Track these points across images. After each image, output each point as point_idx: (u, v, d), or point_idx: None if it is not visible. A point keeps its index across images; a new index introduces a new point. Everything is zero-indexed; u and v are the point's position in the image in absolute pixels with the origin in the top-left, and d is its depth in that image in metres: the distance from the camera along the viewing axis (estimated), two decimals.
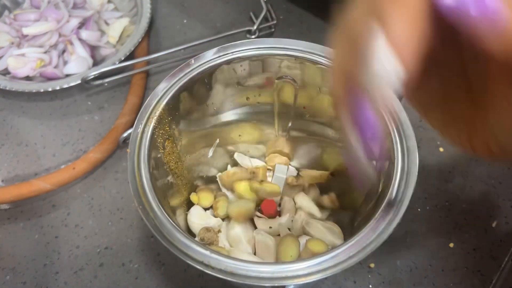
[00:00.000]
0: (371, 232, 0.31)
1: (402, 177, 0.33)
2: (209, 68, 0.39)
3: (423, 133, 0.58)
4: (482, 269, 0.48)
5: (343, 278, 0.48)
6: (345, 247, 0.30)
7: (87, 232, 0.52)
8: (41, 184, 0.52)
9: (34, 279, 0.49)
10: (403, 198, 0.32)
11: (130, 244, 0.51)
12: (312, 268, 0.30)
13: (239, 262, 0.30)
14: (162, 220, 0.32)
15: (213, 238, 0.42)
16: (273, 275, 0.29)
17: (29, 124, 0.61)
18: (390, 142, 0.35)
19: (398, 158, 0.34)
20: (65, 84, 0.59)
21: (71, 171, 0.53)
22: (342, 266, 0.30)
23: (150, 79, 0.64)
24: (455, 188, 0.53)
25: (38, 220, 0.53)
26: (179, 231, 0.31)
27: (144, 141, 0.35)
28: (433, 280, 0.47)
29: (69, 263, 0.50)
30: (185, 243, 0.30)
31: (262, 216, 0.45)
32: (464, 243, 0.50)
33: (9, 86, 0.59)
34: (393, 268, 0.48)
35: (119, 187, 0.55)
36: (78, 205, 0.54)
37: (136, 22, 0.66)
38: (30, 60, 0.62)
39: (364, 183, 0.23)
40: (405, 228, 0.50)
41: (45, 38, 0.63)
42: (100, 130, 0.60)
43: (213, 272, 0.29)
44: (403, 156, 0.34)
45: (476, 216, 0.51)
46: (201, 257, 0.30)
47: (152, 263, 0.49)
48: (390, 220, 0.31)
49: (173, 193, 0.42)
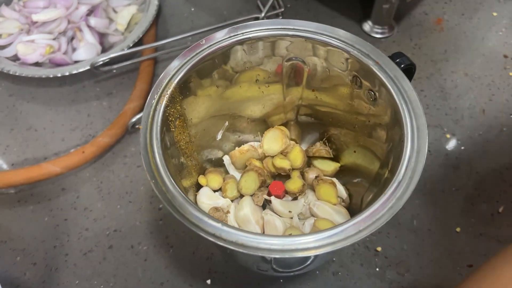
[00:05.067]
0: (381, 207, 0.31)
1: (412, 154, 0.33)
2: (220, 48, 0.40)
3: (429, 119, 0.58)
4: (488, 254, 0.48)
5: (350, 261, 0.48)
6: (355, 221, 0.30)
7: (96, 215, 0.52)
8: (51, 167, 0.53)
9: (44, 260, 0.49)
10: (413, 174, 0.32)
11: (139, 227, 0.51)
12: (322, 242, 0.30)
13: (250, 235, 0.30)
14: (175, 194, 0.32)
15: (222, 218, 0.42)
16: (283, 247, 0.29)
17: (38, 109, 0.61)
18: (400, 120, 0.35)
19: (408, 136, 0.34)
20: (74, 70, 0.59)
21: (80, 154, 0.54)
22: (351, 239, 0.30)
23: (158, 66, 0.65)
24: (462, 174, 0.53)
25: (47, 203, 0.53)
26: (191, 204, 0.31)
27: (156, 118, 0.36)
28: (440, 263, 0.48)
29: (78, 245, 0.50)
30: (197, 216, 0.31)
31: (269, 198, 0.45)
32: (470, 228, 0.50)
33: (18, 71, 0.60)
34: (399, 251, 0.49)
35: (128, 171, 0.55)
36: (87, 189, 0.54)
37: (144, 10, 0.67)
38: (39, 47, 0.62)
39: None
40: (411, 212, 0.51)
41: (54, 25, 0.64)
42: (108, 116, 0.60)
43: (225, 244, 0.30)
44: (412, 134, 0.34)
45: (483, 201, 0.51)
46: (213, 230, 0.30)
47: (161, 246, 0.50)
48: (400, 195, 0.31)
49: (184, 174, 0.42)
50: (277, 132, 0.47)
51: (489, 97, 0.60)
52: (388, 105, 0.37)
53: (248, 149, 0.47)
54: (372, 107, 0.40)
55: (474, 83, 0.61)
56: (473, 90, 0.61)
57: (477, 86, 0.61)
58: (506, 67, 0.63)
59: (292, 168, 0.47)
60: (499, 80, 0.62)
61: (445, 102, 0.60)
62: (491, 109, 0.59)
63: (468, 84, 0.61)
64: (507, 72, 0.62)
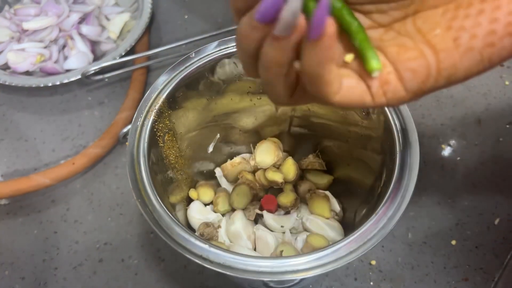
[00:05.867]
0: (372, 226, 0.30)
1: (403, 172, 0.33)
2: (210, 61, 0.39)
3: (425, 129, 0.57)
4: (485, 267, 0.47)
5: (344, 275, 0.47)
6: (346, 242, 0.30)
7: (87, 227, 0.51)
8: (41, 179, 0.52)
9: (33, 274, 0.49)
10: (405, 193, 0.32)
11: (130, 240, 0.50)
12: (312, 263, 0.29)
13: (238, 256, 0.29)
14: (161, 213, 0.31)
15: (212, 233, 0.42)
16: (272, 270, 0.29)
17: (29, 119, 0.61)
18: (392, 137, 0.34)
19: (400, 153, 0.33)
20: (65, 79, 0.58)
21: (70, 166, 0.53)
22: (342, 261, 0.29)
23: (151, 74, 0.64)
24: (458, 185, 0.53)
25: (37, 215, 0.53)
26: (178, 224, 0.31)
27: (143, 134, 0.35)
28: (435, 277, 0.47)
29: (68, 259, 0.49)
30: (183, 236, 0.30)
31: (261, 212, 0.44)
32: (466, 240, 0.49)
33: (9, 80, 0.59)
34: (394, 265, 0.48)
35: (119, 183, 0.55)
36: (78, 201, 0.53)
37: (137, 17, 0.66)
38: (30, 55, 0.61)
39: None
40: (406, 225, 0.50)
41: (45, 33, 0.63)
42: (100, 125, 0.59)
43: (211, 266, 0.29)
44: (404, 151, 0.34)
45: (478, 213, 0.51)
46: (200, 251, 0.30)
47: (152, 259, 0.49)
48: (391, 215, 0.31)
49: (173, 188, 0.41)
50: (269, 145, 0.47)
51: (485, 106, 0.59)
52: (381, 120, 0.36)
53: (240, 162, 0.47)
54: (365, 121, 0.39)
55: (470, 92, 0.61)
56: (469, 100, 0.60)
57: (473, 96, 0.60)
58: (502, 76, 0.62)
59: (284, 181, 0.46)
60: (495, 89, 0.61)
61: (441, 112, 0.59)
62: (487, 118, 0.58)
63: (464, 93, 0.61)
64: (503, 81, 0.62)
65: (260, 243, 0.42)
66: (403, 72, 0.23)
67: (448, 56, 0.23)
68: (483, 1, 0.22)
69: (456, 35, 0.23)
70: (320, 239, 0.40)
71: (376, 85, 0.24)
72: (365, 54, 0.23)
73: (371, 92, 0.24)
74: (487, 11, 0.22)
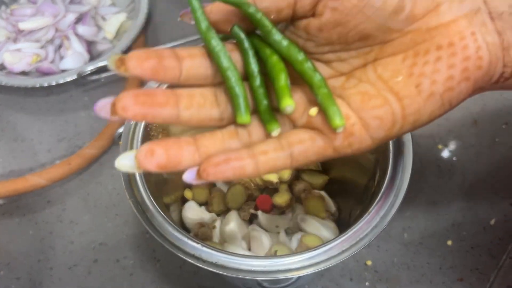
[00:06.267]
0: (365, 226, 0.30)
1: (397, 171, 0.32)
2: None
3: (421, 130, 0.57)
4: (480, 267, 0.47)
5: (340, 275, 0.47)
6: (339, 241, 0.30)
7: (82, 228, 0.51)
8: (36, 179, 0.52)
9: (28, 274, 0.48)
10: (398, 192, 0.32)
11: (126, 240, 0.50)
12: (305, 262, 0.29)
13: (231, 256, 0.29)
14: (154, 213, 0.31)
15: (207, 234, 0.42)
16: (265, 269, 0.29)
17: (26, 119, 0.61)
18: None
19: (393, 152, 0.33)
20: (61, 79, 0.58)
21: (66, 166, 0.53)
22: (335, 260, 0.29)
23: None
24: (454, 186, 0.53)
25: (33, 216, 0.53)
26: (171, 224, 0.30)
27: (137, 134, 0.35)
28: (431, 278, 0.47)
29: (63, 259, 0.49)
30: (176, 236, 0.30)
31: (256, 212, 0.44)
32: (462, 241, 0.49)
33: (5, 81, 0.59)
34: (390, 265, 0.48)
35: (115, 183, 0.54)
36: (74, 201, 0.53)
37: (133, 17, 0.66)
38: (26, 55, 0.61)
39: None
40: (402, 225, 0.50)
41: (41, 33, 0.63)
42: (96, 126, 0.59)
43: (204, 265, 0.29)
44: (398, 150, 0.34)
45: (474, 214, 0.51)
46: (193, 250, 0.30)
47: (148, 260, 0.49)
48: (384, 214, 0.31)
49: (168, 189, 0.41)
50: None
51: (481, 107, 0.59)
52: None
53: None
54: None
55: None
56: (466, 100, 0.60)
57: None
58: None
59: (280, 181, 0.46)
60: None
61: None
62: (483, 119, 0.58)
63: None
64: None
65: (255, 243, 0.42)
66: (369, 120, 0.24)
67: (412, 102, 0.23)
68: (439, 48, 0.23)
69: (418, 81, 0.23)
70: (314, 239, 0.40)
71: (341, 139, 0.24)
72: (327, 111, 0.23)
73: (333, 145, 0.24)
74: (444, 57, 0.23)
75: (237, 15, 0.25)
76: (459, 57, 0.23)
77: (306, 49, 0.25)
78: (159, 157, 0.23)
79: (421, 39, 0.23)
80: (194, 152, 0.24)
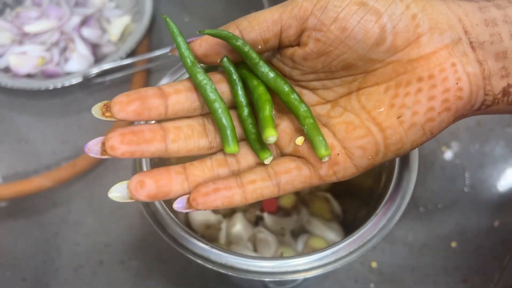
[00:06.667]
0: (372, 227, 0.31)
1: (402, 173, 0.33)
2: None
3: None
4: (484, 269, 0.48)
5: (345, 277, 0.47)
6: (346, 242, 0.30)
7: (87, 229, 0.52)
8: (41, 181, 0.52)
9: (34, 276, 0.49)
10: (404, 194, 0.32)
11: (130, 242, 0.50)
12: (313, 264, 0.29)
13: (240, 257, 0.29)
14: (163, 214, 0.31)
15: (213, 235, 0.42)
16: (273, 270, 0.29)
17: (30, 121, 0.61)
18: None
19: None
20: (66, 82, 0.59)
21: (71, 168, 0.53)
22: (342, 261, 0.29)
23: (151, 77, 0.64)
24: (457, 188, 0.53)
25: (38, 218, 0.53)
26: (180, 225, 0.31)
27: None
28: (435, 279, 0.47)
29: (69, 260, 0.50)
30: (185, 237, 0.30)
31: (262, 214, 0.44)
32: (466, 243, 0.49)
33: (10, 83, 0.59)
34: (394, 267, 0.48)
35: None
36: (79, 203, 0.54)
37: (138, 20, 0.66)
38: (31, 58, 0.61)
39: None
40: (406, 227, 0.50)
41: (46, 36, 0.63)
42: (101, 128, 0.59)
43: (213, 266, 0.29)
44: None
45: (478, 216, 0.51)
46: (202, 252, 0.30)
47: (152, 261, 0.49)
48: (391, 216, 0.31)
49: None
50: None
51: None
52: None
53: None
54: None
55: None
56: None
57: None
58: None
59: None
60: None
61: None
62: (486, 121, 0.58)
63: None
64: None
65: (261, 245, 0.42)
66: (353, 150, 0.25)
67: (394, 133, 0.24)
68: (420, 80, 0.24)
69: (399, 112, 0.24)
70: (320, 241, 0.41)
71: (326, 168, 0.25)
72: (313, 141, 0.24)
73: (319, 174, 0.25)
74: (425, 89, 0.24)
75: (226, 47, 0.26)
76: (439, 89, 0.23)
77: (293, 76, 0.26)
78: (149, 188, 0.24)
79: (403, 70, 0.24)
80: (184, 181, 0.24)
